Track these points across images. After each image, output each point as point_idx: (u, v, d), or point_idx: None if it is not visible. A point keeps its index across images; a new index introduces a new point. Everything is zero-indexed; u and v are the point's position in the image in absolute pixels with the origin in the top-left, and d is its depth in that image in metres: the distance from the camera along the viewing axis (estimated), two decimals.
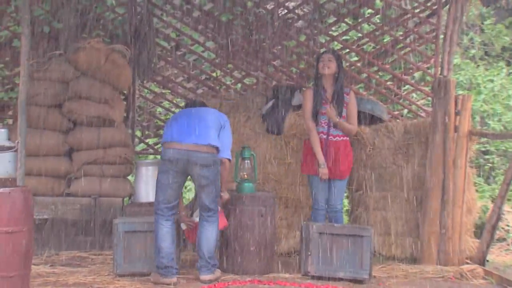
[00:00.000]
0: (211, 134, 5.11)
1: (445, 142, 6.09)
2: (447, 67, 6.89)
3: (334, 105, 5.74)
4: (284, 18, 7.68)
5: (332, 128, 5.74)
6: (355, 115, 5.83)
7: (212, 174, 5.06)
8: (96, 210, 6.29)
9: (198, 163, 5.02)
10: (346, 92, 5.83)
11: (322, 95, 5.74)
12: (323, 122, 5.74)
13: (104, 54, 6.42)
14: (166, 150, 5.09)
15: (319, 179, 5.70)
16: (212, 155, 5.06)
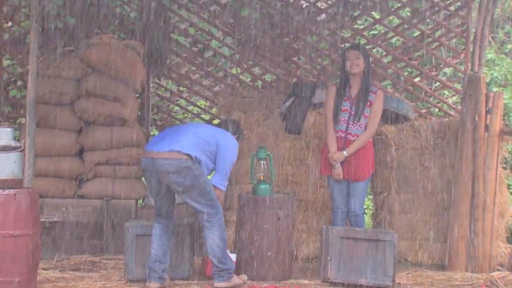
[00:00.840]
0: (182, 141, 5.01)
1: (475, 142, 6.02)
2: (478, 62, 6.82)
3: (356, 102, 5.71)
4: (306, 12, 7.65)
5: (352, 126, 5.71)
6: (377, 116, 5.79)
7: (188, 180, 4.95)
8: (108, 213, 6.33)
9: (164, 171, 4.96)
10: (372, 91, 5.79)
11: (345, 92, 5.72)
12: (342, 120, 5.72)
13: (117, 50, 6.46)
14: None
15: (337, 180, 5.69)
16: (179, 161, 4.94)
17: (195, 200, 5.02)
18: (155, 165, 4.98)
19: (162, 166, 4.95)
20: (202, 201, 5.02)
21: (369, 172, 5.84)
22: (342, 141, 5.73)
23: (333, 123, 5.73)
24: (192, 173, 4.96)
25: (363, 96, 5.72)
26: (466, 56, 7.26)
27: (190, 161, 4.96)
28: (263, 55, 7.65)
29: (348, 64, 5.72)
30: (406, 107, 6.66)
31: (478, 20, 6.86)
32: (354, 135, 5.74)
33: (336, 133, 5.74)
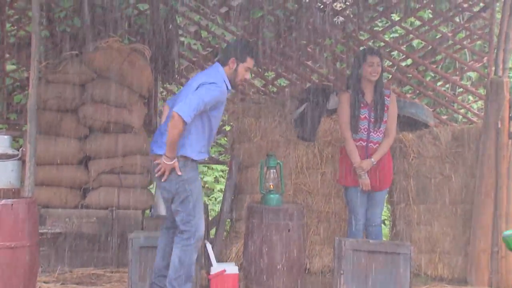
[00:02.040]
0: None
1: (498, 149, 5.97)
2: (502, 66, 6.76)
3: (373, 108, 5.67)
4: (321, 14, 7.63)
5: (373, 133, 5.66)
6: (394, 120, 5.76)
7: (173, 185, 4.77)
8: (114, 223, 6.33)
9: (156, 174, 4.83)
10: (386, 94, 5.75)
11: (360, 99, 5.68)
12: (362, 128, 5.67)
13: (123, 55, 6.47)
14: None
15: (357, 191, 5.65)
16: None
17: (176, 209, 4.81)
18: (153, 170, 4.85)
19: (153, 169, 4.84)
20: (179, 211, 4.79)
21: (390, 180, 5.82)
22: (364, 150, 5.67)
23: (352, 132, 5.67)
24: (181, 176, 4.74)
25: (380, 101, 5.67)
26: (490, 59, 7.21)
27: (181, 162, 4.73)
28: (276, 58, 7.64)
29: (368, 71, 5.65)
30: (425, 113, 6.62)
31: (502, 22, 6.81)
32: (376, 142, 5.69)
33: (357, 142, 5.67)
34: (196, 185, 4.84)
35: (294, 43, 7.64)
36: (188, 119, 4.60)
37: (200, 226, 4.82)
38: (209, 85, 4.73)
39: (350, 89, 5.74)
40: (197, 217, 4.81)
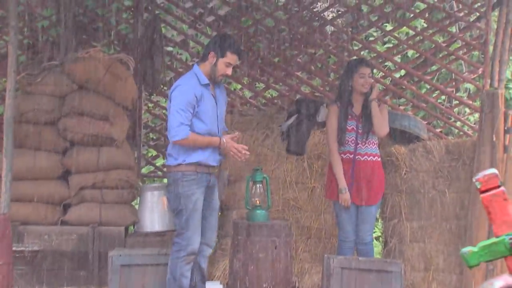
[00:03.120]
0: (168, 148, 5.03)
1: (493, 164, 5.96)
2: (498, 77, 6.80)
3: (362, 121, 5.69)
4: (311, 23, 7.67)
5: (360, 145, 5.68)
6: (386, 121, 5.77)
7: (172, 198, 4.96)
8: (95, 241, 6.28)
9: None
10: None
11: (349, 111, 5.70)
12: (349, 140, 5.69)
13: (105, 65, 6.46)
14: None
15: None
16: (169, 174, 4.98)
17: (174, 221, 5.05)
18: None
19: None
20: (176, 224, 5.03)
21: (380, 194, 5.81)
22: (350, 163, 5.69)
23: (339, 144, 5.69)
24: (177, 189, 4.91)
25: (369, 115, 5.69)
26: (485, 71, 7.23)
27: (180, 173, 4.89)
28: (265, 69, 7.65)
29: (360, 82, 5.68)
30: (418, 126, 6.63)
31: (498, 32, 6.85)
32: (364, 154, 5.71)
33: (344, 155, 5.70)
34: (191, 199, 4.93)
35: (284, 53, 7.66)
36: (184, 135, 4.77)
37: (192, 239, 4.92)
38: (174, 92, 4.90)
39: (338, 101, 5.76)
40: (190, 231, 4.91)
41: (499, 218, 2.38)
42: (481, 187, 2.37)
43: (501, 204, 2.37)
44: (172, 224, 6.39)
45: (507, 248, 2.36)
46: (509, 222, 2.37)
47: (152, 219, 6.48)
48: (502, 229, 2.38)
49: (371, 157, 5.73)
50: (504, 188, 2.33)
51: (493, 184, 2.36)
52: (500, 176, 5.76)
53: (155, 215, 6.47)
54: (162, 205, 6.47)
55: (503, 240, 2.36)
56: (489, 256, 2.40)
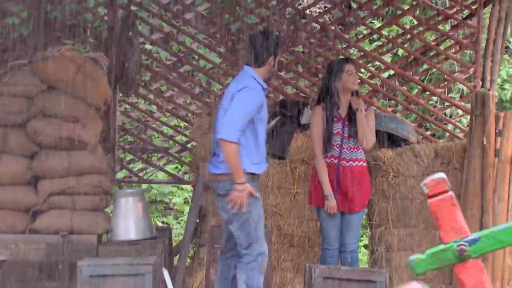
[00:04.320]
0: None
1: (484, 168, 5.98)
2: (490, 78, 6.81)
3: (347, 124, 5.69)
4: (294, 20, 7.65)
5: (345, 150, 5.66)
6: (373, 129, 5.78)
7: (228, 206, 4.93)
8: (65, 250, 6.22)
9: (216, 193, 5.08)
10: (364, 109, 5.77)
11: (334, 113, 5.68)
12: (334, 144, 5.68)
13: (76, 64, 6.40)
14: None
15: (328, 213, 5.64)
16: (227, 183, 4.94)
17: (236, 233, 4.98)
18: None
19: (214, 188, 5.08)
20: (240, 235, 4.97)
21: (366, 201, 5.81)
22: (334, 168, 5.68)
23: (325, 148, 5.67)
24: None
25: (354, 116, 5.68)
26: (477, 71, 7.25)
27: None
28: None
29: (350, 80, 5.69)
30: (407, 129, 6.64)
31: (490, 30, 6.87)
32: (349, 160, 5.70)
33: (328, 159, 5.69)
34: (256, 205, 4.97)
35: None
36: (234, 139, 4.76)
37: (262, 248, 4.99)
38: (242, 93, 4.85)
39: (323, 102, 5.75)
40: (259, 240, 4.97)
41: (446, 224, 2.38)
42: (428, 192, 2.35)
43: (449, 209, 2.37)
44: (148, 232, 6.36)
45: (455, 256, 2.36)
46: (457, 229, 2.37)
47: (127, 227, 6.43)
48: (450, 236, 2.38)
49: (357, 162, 5.72)
50: (452, 193, 2.31)
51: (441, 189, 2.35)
52: (492, 181, 5.81)
53: (130, 223, 6.42)
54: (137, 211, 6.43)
55: (451, 247, 2.36)
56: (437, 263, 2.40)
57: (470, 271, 2.35)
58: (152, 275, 5.27)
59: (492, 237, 2.35)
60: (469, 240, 2.36)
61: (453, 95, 10.94)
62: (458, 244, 2.35)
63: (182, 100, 8.18)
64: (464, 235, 2.36)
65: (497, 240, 2.35)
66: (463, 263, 2.35)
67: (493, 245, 2.35)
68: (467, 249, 2.35)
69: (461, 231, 2.36)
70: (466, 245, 2.35)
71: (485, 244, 2.35)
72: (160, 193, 10.89)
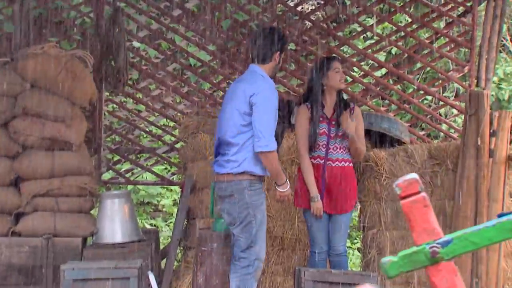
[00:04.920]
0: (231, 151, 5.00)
1: (478, 169, 5.99)
2: (485, 77, 6.82)
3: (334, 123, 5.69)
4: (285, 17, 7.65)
5: (332, 150, 5.66)
6: (362, 134, 5.78)
7: (235, 209, 4.97)
8: (49, 253, 6.22)
9: (220, 196, 5.09)
10: (350, 108, 5.77)
11: (320, 112, 5.68)
12: (320, 144, 5.68)
13: (60, 62, 6.39)
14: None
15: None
16: (232, 183, 4.97)
17: (237, 234, 5.02)
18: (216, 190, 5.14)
19: (217, 190, 5.07)
20: (241, 237, 5.01)
21: (353, 202, 5.81)
22: (321, 169, 5.68)
23: (310, 148, 5.68)
24: (244, 199, 4.94)
25: (342, 114, 5.68)
26: (472, 69, 7.25)
27: (246, 182, 4.94)
28: (236, 67, 7.62)
29: (337, 78, 5.69)
30: (400, 129, 6.64)
31: (485, 28, 6.88)
32: (335, 160, 5.70)
33: (314, 160, 5.69)
34: (261, 209, 5.04)
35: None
36: (273, 147, 4.89)
37: (260, 254, 5.04)
38: (263, 95, 4.96)
39: (308, 102, 5.75)
40: (258, 244, 5.01)
41: (419, 226, 2.38)
42: (401, 193, 2.36)
43: (422, 211, 2.37)
44: (134, 234, 6.35)
45: (427, 258, 2.36)
46: (429, 230, 2.37)
47: (113, 229, 6.41)
48: (423, 238, 2.38)
49: (343, 163, 5.72)
50: (425, 194, 2.32)
51: (413, 190, 2.36)
52: (487, 182, 5.82)
53: (116, 225, 6.41)
54: (123, 213, 6.42)
55: (423, 249, 2.36)
56: (409, 266, 2.40)
57: (442, 274, 2.35)
58: (137, 279, 5.26)
59: (465, 238, 2.35)
60: (442, 242, 2.36)
61: (448, 94, 10.96)
62: (431, 246, 2.35)
63: (171, 99, 8.16)
64: (436, 236, 2.36)
65: (470, 242, 2.35)
66: (436, 265, 2.35)
67: (466, 247, 2.35)
68: (440, 251, 2.35)
69: (434, 232, 2.35)
70: (438, 247, 2.34)
71: (457, 246, 2.35)
72: (148, 194, 10.87)
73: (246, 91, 4.98)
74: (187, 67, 8.19)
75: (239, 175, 4.97)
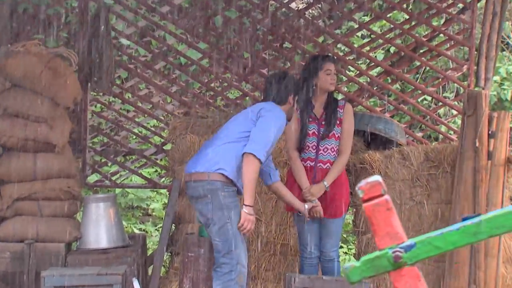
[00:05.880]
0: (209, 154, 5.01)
1: (476, 172, 5.99)
2: (484, 76, 6.82)
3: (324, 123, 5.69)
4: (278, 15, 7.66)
5: (322, 152, 5.67)
6: (351, 134, 5.78)
7: (208, 210, 4.97)
8: (31, 259, 6.21)
9: (190, 196, 5.10)
10: (339, 106, 5.77)
11: (309, 112, 5.69)
12: (310, 146, 5.68)
13: (43, 60, 6.38)
14: None
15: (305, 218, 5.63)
16: (204, 183, 4.95)
17: (213, 238, 5.02)
18: (187, 191, 5.13)
19: (189, 190, 5.06)
20: (217, 241, 5.00)
21: (345, 206, 5.81)
22: (312, 172, 5.68)
23: (299, 150, 5.68)
24: (218, 200, 4.93)
25: (332, 114, 5.68)
26: (471, 68, 7.26)
27: (219, 183, 4.93)
28: (226, 66, 7.63)
29: (327, 80, 5.69)
30: (395, 130, 6.65)
31: (485, 25, 6.88)
32: (326, 162, 5.70)
33: (304, 162, 5.69)
34: (236, 211, 5.00)
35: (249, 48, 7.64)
36: (262, 157, 4.92)
37: (241, 257, 5.02)
38: (273, 113, 5.07)
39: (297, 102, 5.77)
40: (238, 247, 4.98)
41: (382, 230, 2.38)
42: (363, 196, 2.36)
43: (384, 214, 2.37)
44: (120, 240, 6.34)
45: (390, 262, 2.35)
46: (392, 234, 2.37)
47: (97, 235, 6.41)
48: (385, 242, 2.38)
49: None
50: (388, 196, 2.32)
51: (376, 192, 2.35)
52: (485, 186, 5.82)
53: (101, 230, 6.40)
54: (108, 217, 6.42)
55: (386, 253, 2.36)
56: (372, 271, 2.39)
57: (405, 279, 2.35)
58: (121, 286, 5.26)
59: (428, 243, 2.35)
60: (405, 246, 2.36)
61: (448, 94, 10.98)
62: (394, 251, 2.35)
63: (158, 99, 8.17)
64: (399, 241, 2.36)
65: (434, 246, 2.35)
66: (399, 270, 2.35)
67: (429, 252, 2.35)
68: (403, 256, 2.35)
69: (397, 236, 2.35)
70: (401, 252, 2.34)
71: (421, 251, 2.35)
72: (137, 198, 10.85)
73: (258, 106, 5.18)
74: (176, 66, 8.19)
75: (212, 174, 4.96)
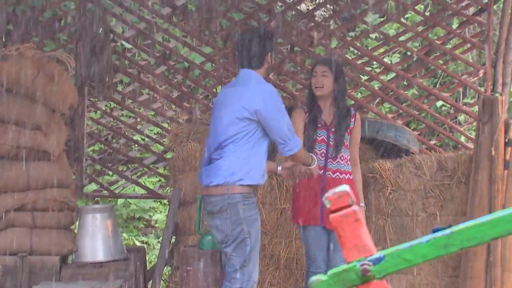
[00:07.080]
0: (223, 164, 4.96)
1: (492, 182, 5.96)
2: (502, 81, 6.79)
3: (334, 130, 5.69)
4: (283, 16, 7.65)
5: (331, 160, 5.65)
6: (357, 142, 5.82)
7: (227, 225, 4.92)
8: (24, 273, 6.21)
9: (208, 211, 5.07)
10: (352, 114, 5.77)
11: (317, 118, 5.68)
12: (318, 153, 5.66)
13: (37, 65, 6.40)
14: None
15: (316, 231, 5.62)
16: (226, 197, 4.92)
17: (230, 253, 4.97)
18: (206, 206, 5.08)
19: (208, 206, 5.04)
20: (234, 256, 4.96)
21: None
22: (320, 180, 5.65)
23: None
24: (238, 215, 4.90)
25: (343, 123, 5.67)
26: (487, 72, 7.23)
27: (239, 195, 4.90)
28: (229, 69, 7.63)
29: (312, 82, 5.71)
30: (407, 137, 6.64)
31: (502, 27, 6.85)
32: (335, 171, 5.68)
33: None
34: (256, 225, 5.00)
35: None
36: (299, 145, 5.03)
37: (253, 273, 5.01)
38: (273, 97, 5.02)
39: (305, 105, 5.79)
40: (252, 263, 4.98)
41: (349, 242, 2.35)
42: (330, 206, 2.34)
43: (352, 225, 2.34)
44: (118, 253, 6.34)
45: (358, 276, 2.33)
46: (360, 246, 2.34)
47: (94, 247, 6.40)
48: (353, 255, 2.35)
49: (343, 175, 5.70)
50: (356, 207, 2.30)
51: (344, 203, 2.33)
52: (501, 196, 5.80)
53: (98, 242, 6.40)
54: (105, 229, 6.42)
55: (353, 267, 2.33)
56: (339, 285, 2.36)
57: None
58: None
59: (397, 255, 2.33)
60: (373, 259, 2.33)
61: (468, 100, 10.93)
62: (362, 264, 2.32)
63: (164, 106, 8.17)
64: (368, 253, 2.33)
65: (403, 259, 2.32)
66: (367, 284, 2.33)
67: (398, 265, 2.32)
68: (371, 269, 2.32)
69: (365, 249, 2.33)
70: (370, 265, 2.32)
71: (390, 264, 2.33)
72: (140, 209, 10.85)
73: (247, 100, 4.97)
74: (178, 70, 8.20)
75: (231, 187, 4.93)
